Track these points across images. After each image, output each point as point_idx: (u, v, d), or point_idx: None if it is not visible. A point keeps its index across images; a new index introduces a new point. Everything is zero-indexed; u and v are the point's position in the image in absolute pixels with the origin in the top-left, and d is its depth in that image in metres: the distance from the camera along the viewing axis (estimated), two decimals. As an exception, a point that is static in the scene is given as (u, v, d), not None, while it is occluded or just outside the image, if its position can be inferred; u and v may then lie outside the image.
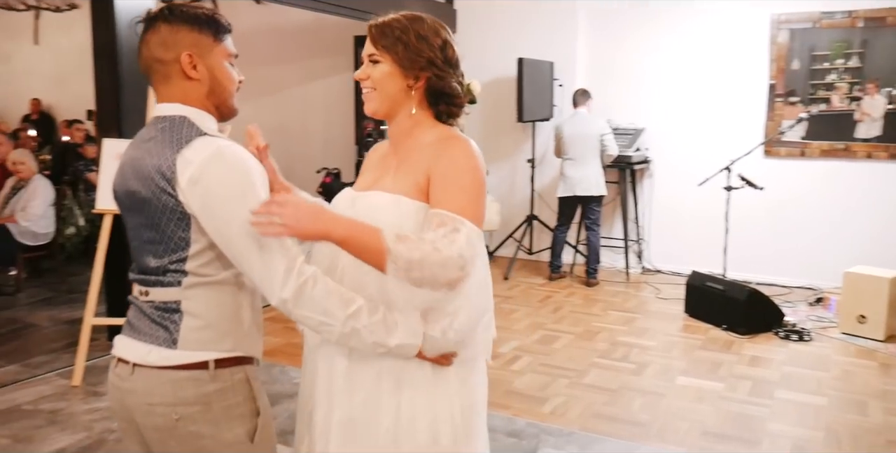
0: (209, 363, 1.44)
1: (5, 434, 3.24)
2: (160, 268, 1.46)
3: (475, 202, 1.47)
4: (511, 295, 5.92)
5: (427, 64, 1.51)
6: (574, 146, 6.07)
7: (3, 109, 10.76)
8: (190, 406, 1.43)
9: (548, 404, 3.69)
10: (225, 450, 1.46)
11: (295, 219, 1.32)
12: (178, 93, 1.49)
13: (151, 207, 1.42)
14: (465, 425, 1.54)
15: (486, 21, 7.13)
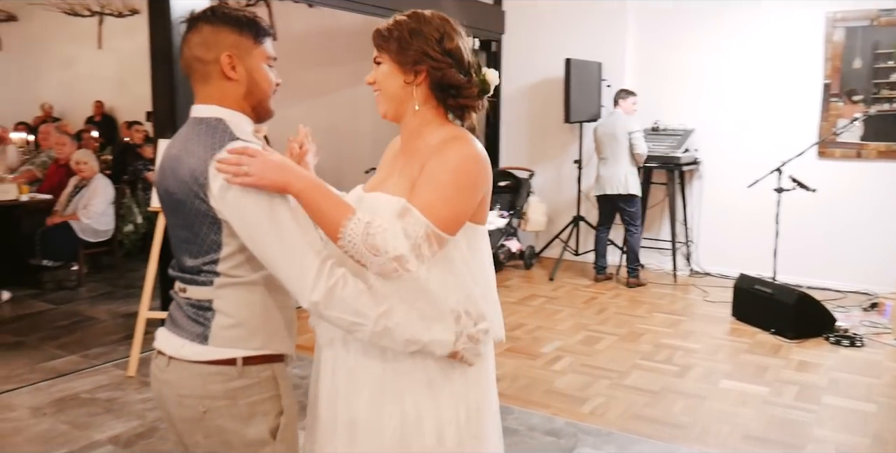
0: (237, 360, 1.48)
1: (64, 420, 3.40)
2: (195, 268, 1.50)
3: (450, 202, 1.44)
4: (556, 295, 5.92)
5: (422, 57, 1.50)
6: (605, 145, 6.08)
7: (68, 111, 11.22)
8: (217, 400, 1.48)
9: (587, 404, 3.70)
10: (247, 446, 1.50)
11: (260, 169, 1.36)
12: (216, 93, 1.52)
13: (186, 209, 1.46)
14: (473, 427, 1.54)
15: (534, 22, 7.15)
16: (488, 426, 1.60)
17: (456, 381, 1.52)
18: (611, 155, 6.03)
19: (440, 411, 1.50)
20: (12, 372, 4.02)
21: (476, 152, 1.52)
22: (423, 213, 1.41)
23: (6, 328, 4.85)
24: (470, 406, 1.54)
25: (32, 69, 11.87)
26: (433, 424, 1.50)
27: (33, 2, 10.70)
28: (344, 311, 1.38)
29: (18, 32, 12.03)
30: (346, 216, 1.37)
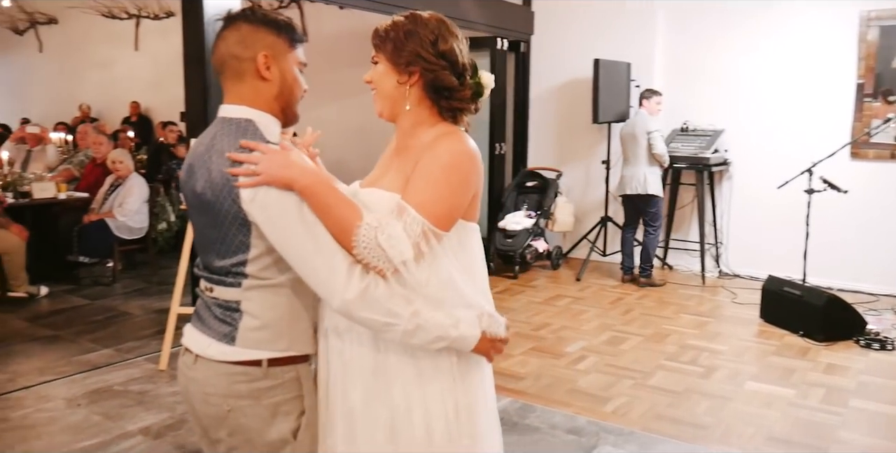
0: (263, 361, 1.50)
1: (97, 411, 3.51)
2: (223, 269, 1.52)
3: (443, 199, 1.45)
4: (582, 296, 5.92)
5: (415, 58, 1.52)
6: (627, 145, 6.09)
7: (105, 112, 11.48)
8: (241, 399, 1.50)
9: (610, 403, 3.70)
10: (268, 445, 1.52)
11: (266, 166, 1.39)
12: (248, 91, 1.53)
13: (216, 210, 1.47)
14: (464, 425, 1.53)
15: (563, 22, 7.15)
16: (482, 424, 1.57)
17: (444, 375, 1.52)
18: (632, 155, 6.04)
19: (428, 404, 1.50)
20: (49, 364, 4.15)
21: (468, 148, 1.53)
22: (419, 211, 1.43)
23: (44, 322, 4.99)
24: (459, 401, 1.53)
25: (72, 70, 12.16)
26: (422, 416, 1.50)
27: (73, 5, 10.98)
28: (377, 312, 1.39)
29: (59, 35, 12.34)
30: (356, 223, 1.39)
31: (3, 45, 13.25)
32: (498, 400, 3.61)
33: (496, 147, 7.27)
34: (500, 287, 6.17)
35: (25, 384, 3.84)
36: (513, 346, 4.58)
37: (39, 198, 5.88)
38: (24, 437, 3.22)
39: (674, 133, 6.61)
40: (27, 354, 4.33)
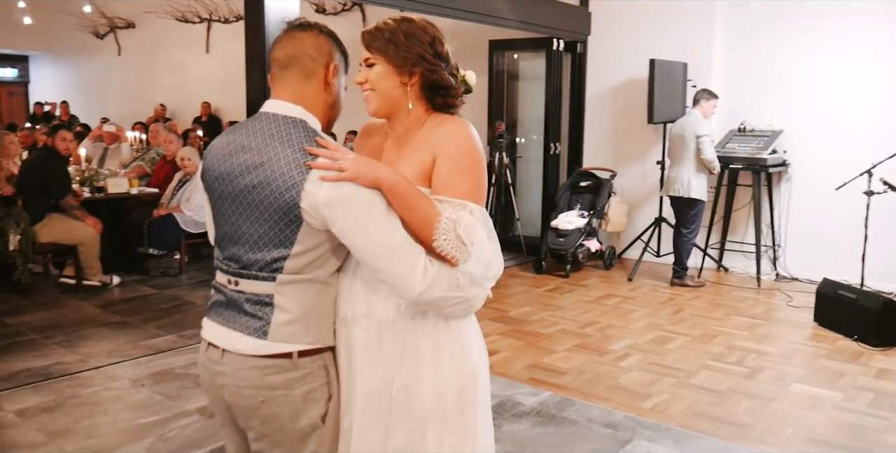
0: (293, 354, 1.56)
1: (159, 391, 3.74)
2: (257, 263, 1.55)
3: (479, 184, 1.58)
4: (632, 296, 5.92)
5: (418, 59, 1.59)
6: (673, 146, 6.03)
7: (178, 111, 11.99)
8: (274, 390, 1.56)
9: (650, 400, 3.74)
10: (300, 430, 1.59)
11: (354, 165, 1.46)
12: (310, 93, 1.60)
13: (266, 204, 1.51)
14: (469, 393, 1.64)
15: (620, 23, 7.14)
16: (480, 391, 1.68)
17: (449, 348, 1.62)
18: (678, 156, 6.00)
19: (440, 376, 1.61)
20: (117, 347, 4.43)
21: (467, 125, 1.64)
22: (470, 199, 1.55)
23: (115, 309, 5.31)
24: (465, 370, 1.63)
25: (147, 72, 12.73)
26: (432, 389, 1.60)
27: (149, 10, 11.53)
28: (446, 290, 1.51)
29: (136, 39, 12.94)
30: (437, 217, 1.50)
31: (85, 48, 13.97)
32: (537, 393, 3.73)
33: (551, 147, 7.32)
34: (551, 285, 6.23)
35: (95, 365, 4.12)
36: (557, 342, 4.65)
37: (113, 193, 6.23)
38: (92, 413, 3.47)
39: (731, 133, 6.54)
40: (98, 338, 4.62)
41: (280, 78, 1.62)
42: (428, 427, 1.61)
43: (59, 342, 4.51)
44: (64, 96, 13.76)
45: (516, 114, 8.04)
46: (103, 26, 13.23)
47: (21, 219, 5.33)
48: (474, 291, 1.56)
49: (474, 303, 1.59)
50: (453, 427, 1.63)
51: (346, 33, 6.30)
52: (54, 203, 5.55)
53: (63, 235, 5.55)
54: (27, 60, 16.06)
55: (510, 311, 5.39)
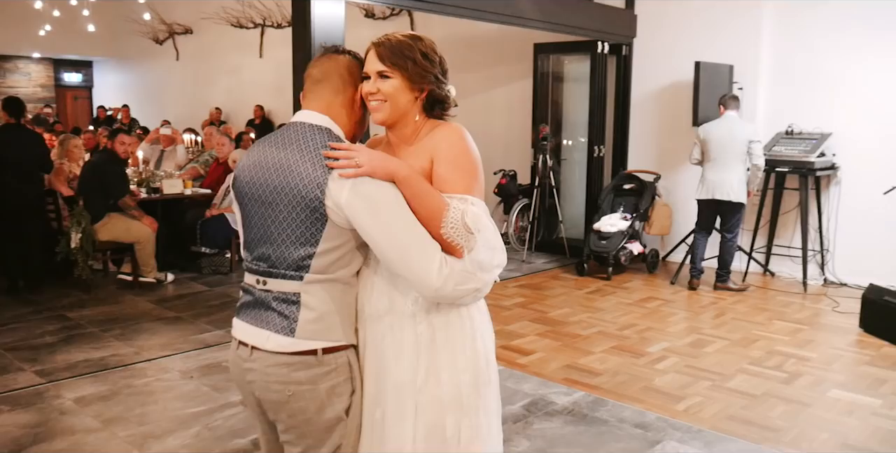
0: (318, 351, 1.66)
1: (206, 383, 3.92)
2: (284, 261, 1.65)
3: (476, 180, 1.70)
4: (673, 299, 5.91)
5: (432, 78, 1.72)
6: (719, 149, 5.91)
7: (233, 114, 12.34)
8: (301, 385, 1.66)
9: (683, 403, 3.76)
10: (325, 423, 1.70)
11: (369, 160, 1.59)
12: (338, 105, 1.74)
13: (293, 204, 1.61)
14: (483, 374, 1.76)
15: (666, 25, 7.12)
16: (492, 371, 1.81)
17: (462, 333, 1.73)
18: (724, 159, 5.90)
19: (455, 363, 1.72)
20: (169, 341, 4.64)
21: (461, 128, 1.76)
22: (470, 194, 1.66)
23: (168, 305, 5.54)
24: (479, 354, 1.75)
25: (204, 76, 13.14)
26: (448, 374, 1.71)
27: (206, 16, 11.91)
28: (461, 283, 1.60)
29: (193, 44, 13.37)
30: (445, 207, 1.61)
31: (145, 53, 14.48)
32: (571, 393, 3.79)
33: (594, 149, 7.34)
34: (592, 287, 6.25)
35: (148, 357, 4.33)
36: (594, 344, 4.69)
37: (168, 194, 6.49)
38: (144, 402, 3.67)
39: (777, 136, 6.46)
40: (152, 332, 4.85)
41: (312, 92, 1.76)
42: (447, 413, 1.72)
43: (115, 335, 4.75)
44: (125, 100, 14.28)
45: (561, 117, 8.07)
46: (163, 32, 13.70)
47: (82, 218, 5.62)
48: (485, 278, 1.66)
49: (485, 290, 1.69)
50: (470, 409, 1.73)
51: None
52: (113, 203, 5.82)
53: (121, 234, 5.82)
54: (91, 66, 16.71)
55: (550, 313, 5.44)
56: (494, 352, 1.85)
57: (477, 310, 1.79)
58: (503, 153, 8.63)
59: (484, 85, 8.87)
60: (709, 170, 5.99)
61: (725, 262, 6.14)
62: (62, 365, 4.18)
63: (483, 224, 1.63)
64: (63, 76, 16.43)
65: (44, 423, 3.40)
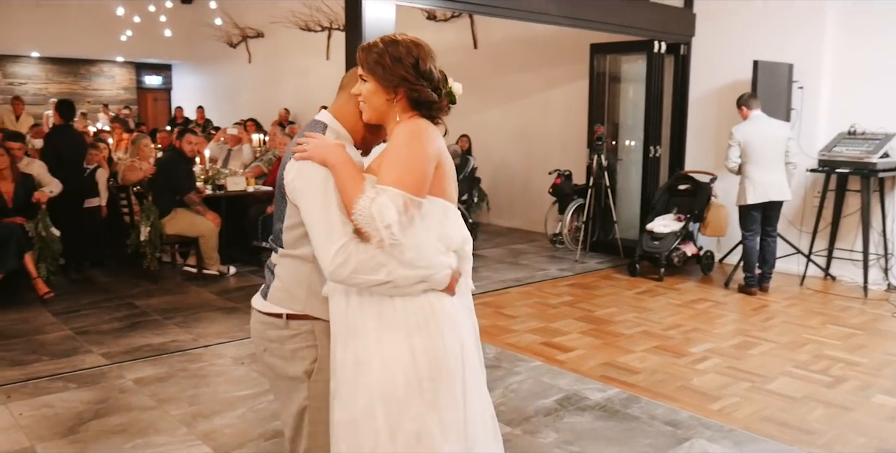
0: (283, 315, 1.89)
1: (256, 369, 4.13)
2: (274, 234, 1.93)
3: (409, 172, 1.71)
4: (725, 301, 5.84)
5: (400, 81, 1.80)
6: (763, 150, 5.81)
7: (301, 115, 12.72)
8: (271, 342, 1.93)
9: (718, 403, 3.75)
10: (290, 380, 1.92)
11: (313, 147, 1.77)
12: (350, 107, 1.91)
13: (279, 186, 1.87)
14: (423, 368, 1.76)
15: (724, 23, 7.03)
16: (445, 368, 1.78)
17: (397, 329, 1.77)
18: (769, 160, 5.82)
19: (383, 353, 1.77)
20: (226, 329, 4.89)
21: (418, 125, 1.79)
22: (396, 186, 1.69)
23: (228, 296, 5.82)
24: (416, 350, 1.76)
25: (274, 79, 13.59)
26: (379, 363, 1.76)
27: (276, 21, 12.32)
28: (361, 274, 1.69)
29: (264, 47, 13.84)
30: (358, 194, 1.70)
31: (219, 57, 15.07)
32: (605, 389, 3.84)
33: (651, 149, 7.30)
34: (643, 288, 6.23)
35: (205, 343, 4.59)
36: (636, 343, 4.70)
37: (232, 191, 6.79)
38: (197, 384, 3.91)
39: (839, 136, 6.29)
40: (211, 320, 5.12)
41: (336, 97, 1.99)
42: (376, 403, 1.76)
43: (177, 322, 5.03)
44: (201, 101, 14.89)
45: (617, 117, 8.05)
46: (236, 36, 14.24)
47: (151, 212, 5.96)
48: (404, 273, 1.71)
49: (402, 285, 1.73)
50: (411, 403, 1.75)
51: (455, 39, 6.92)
52: (179, 199, 6.15)
53: (186, 228, 6.14)
54: (170, 69, 17.49)
55: (596, 311, 5.47)
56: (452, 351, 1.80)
57: (417, 307, 1.79)
58: (560, 153, 8.66)
59: (541, 85, 8.92)
60: (756, 172, 5.86)
61: (774, 262, 6.06)
62: (126, 348, 4.47)
63: (389, 215, 1.66)
64: (144, 79, 17.26)
65: (105, 400, 3.67)
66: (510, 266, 7.08)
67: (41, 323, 4.99)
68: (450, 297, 1.84)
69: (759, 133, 5.86)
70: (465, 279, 1.91)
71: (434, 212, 1.80)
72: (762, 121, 5.90)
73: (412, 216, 1.72)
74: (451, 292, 1.84)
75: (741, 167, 5.93)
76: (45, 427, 3.36)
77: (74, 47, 14.92)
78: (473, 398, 1.85)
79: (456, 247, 1.86)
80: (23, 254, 5.34)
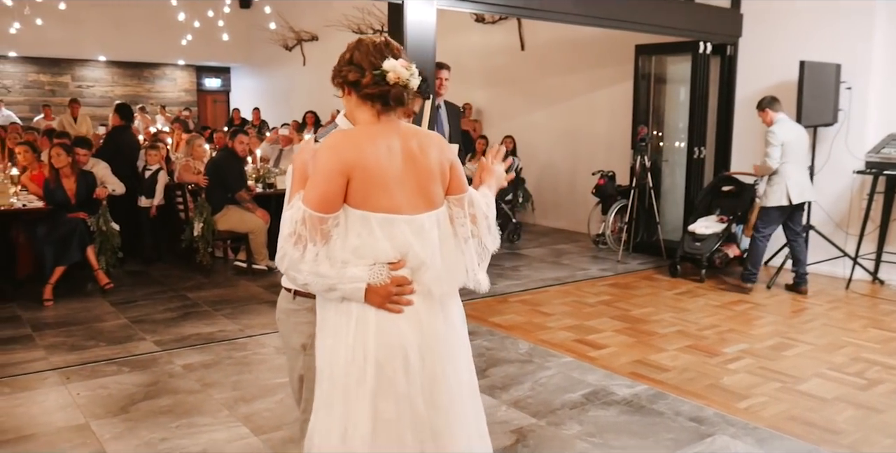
0: (292, 291, 2.17)
1: (296, 358, 4.33)
2: None
3: (315, 187, 1.79)
4: (765, 303, 5.80)
5: (336, 73, 1.97)
6: (798, 151, 5.90)
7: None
8: (282, 313, 2.24)
9: (746, 401, 3.77)
10: (293, 349, 2.21)
11: (297, 151, 1.96)
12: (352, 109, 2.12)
13: None
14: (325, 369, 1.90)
15: (772, 23, 6.97)
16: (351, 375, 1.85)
17: (324, 331, 1.93)
18: (801, 160, 5.90)
19: (321, 345, 1.94)
20: (270, 321, 5.10)
21: (328, 144, 1.83)
22: (302, 201, 1.79)
23: (275, 290, 5.93)
24: (325, 350, 1.91)
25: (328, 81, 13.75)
26: (319, 355, 1.95)
27: (329, 24, 12.62)
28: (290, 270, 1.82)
29: (318, 50, 14.18)
30: (290, 200, 1.87)
31: (275, 59, 15.50)
32: (634, 386, 3.91)
33: (695, 151, 7.28)
34: (683, 289, 6.23)
35: (250, 333, 4.81)
36: (669, 342, 4.74)
37: (282, 189, 7.04)
38: (240, 371, 4.12)
39: (889, 138, 6.19)
40: (257, 312, 5.34)
41: None
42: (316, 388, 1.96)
43: (225, 314, 5.28)
44: (257, 103, 15.32)
45: (662, 118, 8.03)
46: (291, 39, 14.62)
47: (204, 209, 6.24)
48: (311, 280, 1.82)
49: (315, 290, 1.86)
50: (322, 395, 1.91)
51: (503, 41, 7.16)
52: (231, 196, 6.42)
53: (237, 224, 6.40)
54: (229, 71, 18.04)
55: (632, 311, 5.51)
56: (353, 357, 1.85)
57: (332, 311, 1.89)
58: (605, 154, 8.68)
59: (587, 86, 8.95)
60: (794, 172, 5.86)
61: (804, 262, 6.10)
62: (176, 336, 4.73)
63: (286, 228, 1.80)
64: (204, 81, 17.84)
65: (154, 383, 3.91)
66: (551, 265, 7.15)
67: (100, 312, 5.30)
68: (375, 310, 1.85)
69: (794, 134, 5.91)
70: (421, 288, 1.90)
71: (352, 226, 1.82)
72: (791, 123, 5.96)
73: (315, 229, 1.78)
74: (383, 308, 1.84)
75: (778, 168, 5.89)
76: (100, 406, 3.61)
77: (138, 51, 15.55)
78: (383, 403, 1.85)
79: (388, 259, 1.85)
80: (85, 247, 5.67)
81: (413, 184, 1.88)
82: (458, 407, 1.94)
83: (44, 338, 4.67)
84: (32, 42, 13.97)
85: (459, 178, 2.00)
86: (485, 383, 3.93)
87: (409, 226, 1.85)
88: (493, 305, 5.61)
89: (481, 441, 2.03)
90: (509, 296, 5.88)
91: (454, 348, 1.97)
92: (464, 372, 2.00)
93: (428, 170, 1.91)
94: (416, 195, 1.88)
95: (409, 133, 1.94)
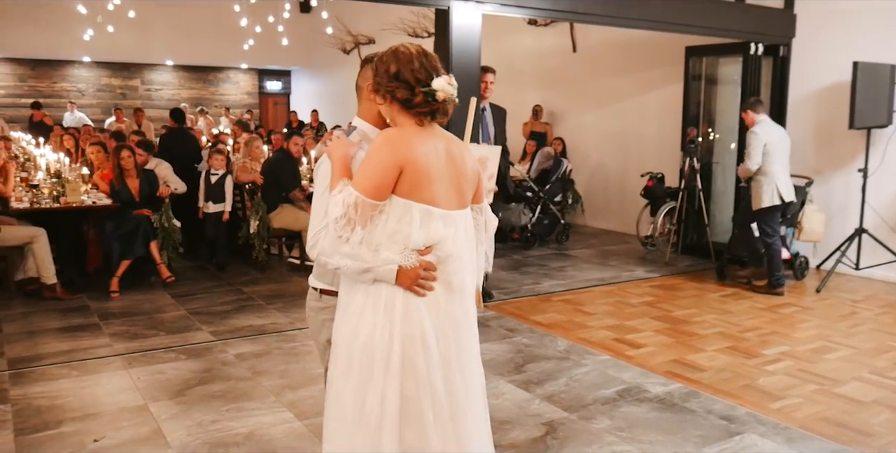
0: (319, 289, 2.26)
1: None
2: None
3: (369, 175, 1.93)
4: (812, 307, 5.75)
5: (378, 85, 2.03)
6: (782, 152, 5.99)
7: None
8: (311, 311, 2.31)
9: (780, 402, 3.79)
10: (321, 344, 2.29)
11: (331, 144, 2.06)
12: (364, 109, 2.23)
13: None
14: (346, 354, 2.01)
15: (825, 24, 6.88)
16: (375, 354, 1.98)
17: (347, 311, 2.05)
18: (785, 161, 6.07)
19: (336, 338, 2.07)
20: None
21: (386, 137, 1.99)
22: (353, 187, 1.94)
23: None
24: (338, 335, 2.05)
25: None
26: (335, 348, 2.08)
27: (385, 27, 12.89)
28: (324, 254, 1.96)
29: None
30: (333, 189, 1.98)
31: (334, 62, 15.86)
32: (668, 384, 3.98)
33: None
34: (729, 291, 6.22)
35: (300, 326, 5.03)
36: (709, 343, 4.77)
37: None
38: (288, 361, 4.34)
39: (944, 140, 6.05)
40: (307, 307, 5.57)
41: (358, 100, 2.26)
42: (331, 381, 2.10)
43: (277, 307, 5.52)
44: (316, 105, 15.73)
45: (713, 120, 7.98)
46: (349, 43, 14.95)
47: (259, 208, 6.52)
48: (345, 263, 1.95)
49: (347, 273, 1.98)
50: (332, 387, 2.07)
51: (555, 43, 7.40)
52: (285, 195, 6.68)
53: (290, 222, 6.66)
54: (289, 75, 18.53)
55: (674, 312, 5.54)
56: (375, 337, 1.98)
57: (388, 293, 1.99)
58: (655, 156, 8.68)
59: (637, 88, 8.96)
60: (782, 173, 6.00)
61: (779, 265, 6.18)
62: (231, 327, 4.99)
63: (336, 211, 1.93)
64: (266, 84, 18.37)
65: (208, 370, 4.16)
66: (597, 266, 7.21)
67: (162, 303, 5.61)
68: (403, 292, 1.99)
69: (778, 135, 6.03)
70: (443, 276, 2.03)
71: (394, 212, 1.98)
72: (774, 125, 6.10)
73: (365, 214, 1.94)
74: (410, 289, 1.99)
75: (764, 169, 5.94)
76: (158, 389, 3.88)
77: (203, 55, 16.16)
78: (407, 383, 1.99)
79: (416, 246, 2.00)
80: (149, 243, 6.00)
81: (451, 183, 2.04)
82: (472, 392, 2.10)
83: (109, 326, 4.99)
84: (104, 48, 14.69)
85: (482, 190, 2.21)
86: (520, 378, 4.06)
87: (443, 220, 2.02)
88: (536, 304, 5.71)
89: (489, 438, 2.19)
90: (552, 296, 5.97)
91: (467, 341, 2.12)
92: (473, 363, 2.15)
93: (464, 173, 2.09)
94: (453, 192, 2.05)
95: (448, 137, 2.12)
